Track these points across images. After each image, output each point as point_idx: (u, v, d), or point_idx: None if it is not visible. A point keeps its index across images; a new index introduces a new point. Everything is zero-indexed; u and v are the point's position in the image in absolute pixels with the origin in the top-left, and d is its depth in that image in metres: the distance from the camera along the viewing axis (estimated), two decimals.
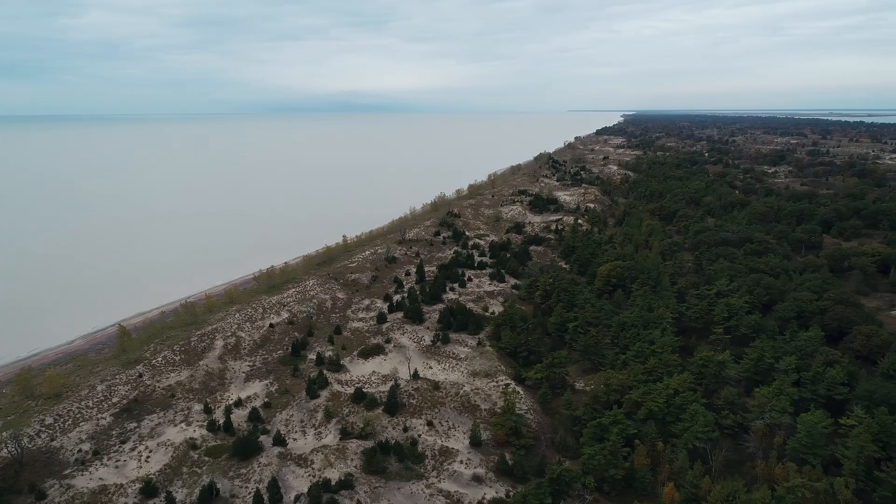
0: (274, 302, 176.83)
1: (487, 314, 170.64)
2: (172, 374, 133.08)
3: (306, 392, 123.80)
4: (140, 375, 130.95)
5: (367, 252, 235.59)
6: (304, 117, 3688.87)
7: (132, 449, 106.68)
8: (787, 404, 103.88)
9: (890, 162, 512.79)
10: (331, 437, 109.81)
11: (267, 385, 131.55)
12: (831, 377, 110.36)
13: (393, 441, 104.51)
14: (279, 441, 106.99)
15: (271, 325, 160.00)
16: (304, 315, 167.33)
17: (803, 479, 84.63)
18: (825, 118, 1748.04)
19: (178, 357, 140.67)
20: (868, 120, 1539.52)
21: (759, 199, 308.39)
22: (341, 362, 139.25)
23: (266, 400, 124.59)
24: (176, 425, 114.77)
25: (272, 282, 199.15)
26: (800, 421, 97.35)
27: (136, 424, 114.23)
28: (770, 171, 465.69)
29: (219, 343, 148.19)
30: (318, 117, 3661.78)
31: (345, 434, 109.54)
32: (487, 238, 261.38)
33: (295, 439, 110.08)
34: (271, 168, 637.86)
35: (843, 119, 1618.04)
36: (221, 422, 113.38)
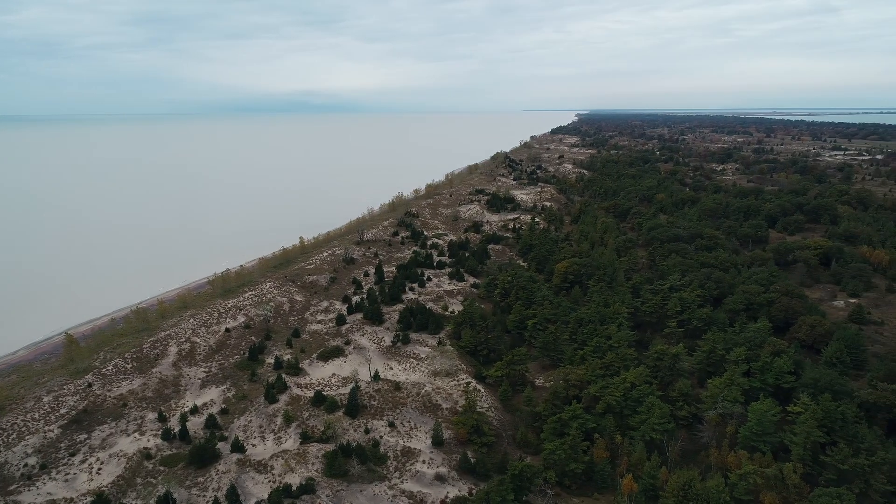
0: (230, 306, 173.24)
1: (447, 313, 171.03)
2: (124, 383, 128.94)
3: (265, 397, 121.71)
4: (89, 385, 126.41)
5: (325, 253, 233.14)
6: (258, 117, 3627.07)
7: (82, 461, 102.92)
8: (738, 394, 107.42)
9: (829, 159, 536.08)
10: (291, 442, 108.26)
11: (224, 391, 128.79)
12: (779, 366, 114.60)
13: (354, 443, 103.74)
14: (237, 447, 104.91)
15: (227, 330, 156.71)
16: (262, 318, 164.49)
17: (754, 466, 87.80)
18: (769, 117, 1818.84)
19: (130, 365, 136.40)
20: (808, 119, 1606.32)
21: (708, 195, 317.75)
22: (300, 365, 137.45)
23: (223, 406, 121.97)
24: (129, 435, 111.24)
25: (227, 285, 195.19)
26: (750, 410, 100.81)
27: (86, 436, 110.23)
28: (718, 169, 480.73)
29: (173, 349, 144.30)
30: (272, 117, 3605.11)
31: (305, 438, 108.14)
32: (446, 237, 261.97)
33: (254, 445, 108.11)
34: (224, 169, 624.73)
35: (786, 118, 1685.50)
36: (177, 430, 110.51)
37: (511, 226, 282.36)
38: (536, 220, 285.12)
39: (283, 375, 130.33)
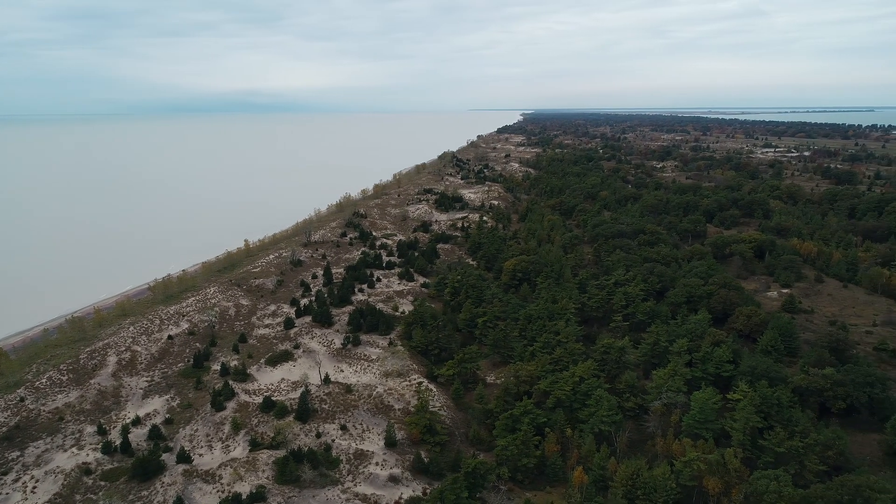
0: (172, 312, 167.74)
1: (398, 314, 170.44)
2: (60, 396, 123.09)
3: (211, 404, 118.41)
4: (22, 399, 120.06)
5: (271, 256, 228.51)
6: (199, 117, 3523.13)
7: (15, 480, 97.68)
8: (681, 384, 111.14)
9: (761, 156, 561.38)
10: (240, 450, 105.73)
11: (168, 400, 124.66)
12: (718, 356, 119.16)
13: (306, 448, 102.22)
14: (183, 458, 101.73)
15: (170, 337, 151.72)
16: (206, 324, 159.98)
17: (698, 453, 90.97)
18: (705, 116, 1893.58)
19: (66, 377, 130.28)
20: (742, 117, 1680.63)
21: (649, 192, 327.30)
22: (248, 371, 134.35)
23: (167, 416, 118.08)
24: (66, 450, 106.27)
25: (169, 291, 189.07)
26: (693, 399, 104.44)
27: (18, 453, 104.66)
28: (658, 166, 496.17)
29: (112, 359, 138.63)
30: (214, 117, 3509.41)
31: (255, 445, 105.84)
32: (395, 238, 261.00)
33: (201, 455, 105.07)
34: (163, 172, 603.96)
35: (721, 117, 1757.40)
36: (118, 443, 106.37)
37: (460, 225, 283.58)
38: (484, 218, 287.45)
39: (230, 382, 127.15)
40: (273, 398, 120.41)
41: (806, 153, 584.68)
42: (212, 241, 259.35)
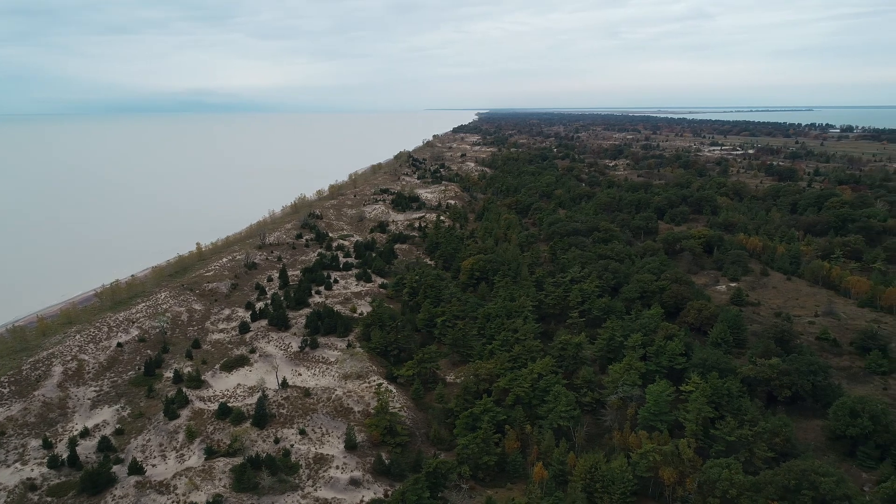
0: (121, 319, 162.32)
1: (356, 315, 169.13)
2: (1, 409, 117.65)
3: (164, 413, 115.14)
4: None
5: (225, 259, 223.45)
6: (148, 117, 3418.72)
7: None
8: (636, 377, 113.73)
9: (708, 154, 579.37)
10: (195, 459, 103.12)
11: (118, 410, 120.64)
12: (671, 349, 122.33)
13: (264, 454, 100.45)
14: (136, 469, 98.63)
15: (119, 345, 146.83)
16: (157, 331, 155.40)
17: (653, 445, 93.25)
18: (654, 115, 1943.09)
19: (7, 389, 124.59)
20: (689, 117, 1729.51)
21: (602, 190, 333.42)
22: (202, 378, 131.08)
23: (118, 426, 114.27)
24: (9, 466, 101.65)
25: (118, 297, 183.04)
26: (647, 392, 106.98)
27: None
28: (611, 165, 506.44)
29: (57, 369, 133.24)
30: (163, 117, 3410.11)
31: (210, 453, 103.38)
32: (352, 238, 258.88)
33: (154, 465, 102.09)
34: (109, 173, 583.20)
35: (670, 116, 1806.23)
36: (65, 456, 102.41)
37: (417, 224, 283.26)
38: (441, 218, 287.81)
39: (184, 389, 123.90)
40: (229, 404, 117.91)
41: (750, 151, 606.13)
42: (162, 244, 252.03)
